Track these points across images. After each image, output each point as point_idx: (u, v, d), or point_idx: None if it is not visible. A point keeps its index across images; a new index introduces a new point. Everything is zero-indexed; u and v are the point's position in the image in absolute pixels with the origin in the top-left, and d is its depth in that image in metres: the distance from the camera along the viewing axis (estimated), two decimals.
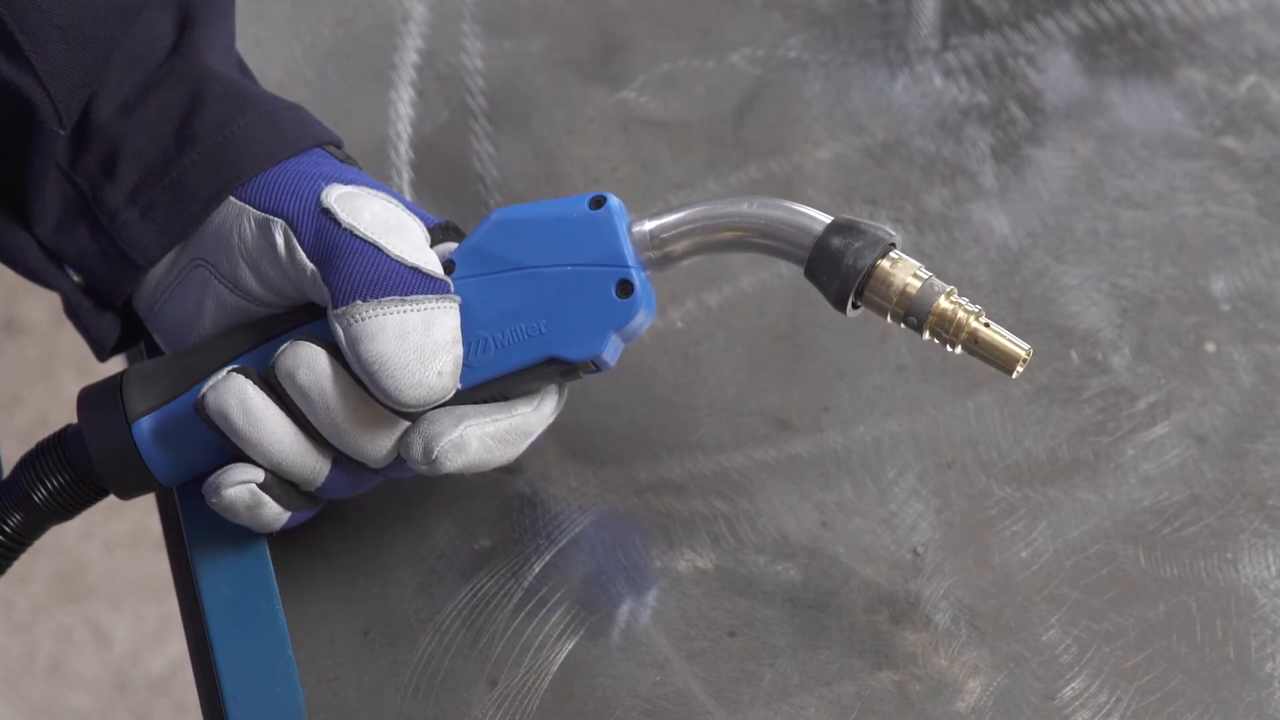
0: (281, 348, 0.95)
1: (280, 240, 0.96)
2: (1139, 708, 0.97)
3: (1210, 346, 1.10)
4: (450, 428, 0.95)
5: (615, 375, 1.06)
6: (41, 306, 2.36)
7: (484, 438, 0.96)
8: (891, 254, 0.94)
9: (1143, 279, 1.13)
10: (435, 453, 0.95)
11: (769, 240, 0.95)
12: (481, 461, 0.96)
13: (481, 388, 0.96)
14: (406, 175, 1.19)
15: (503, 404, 0.97)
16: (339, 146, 1.02)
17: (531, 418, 0.98)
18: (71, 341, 2.05)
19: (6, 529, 1.00)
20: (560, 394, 0.99)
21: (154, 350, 1.05)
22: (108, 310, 1.03)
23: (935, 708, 0.97)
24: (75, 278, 1.02)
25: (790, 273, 1.12)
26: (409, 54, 1.24)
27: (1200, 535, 1.03)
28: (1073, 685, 0.98)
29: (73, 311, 1.02)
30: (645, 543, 1.03)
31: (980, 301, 0.93)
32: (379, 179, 1.04)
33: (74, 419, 1.00)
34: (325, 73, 1.24)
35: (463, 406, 0.96)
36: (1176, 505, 1.04)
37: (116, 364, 1.16)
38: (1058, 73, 1.23)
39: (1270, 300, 1.12)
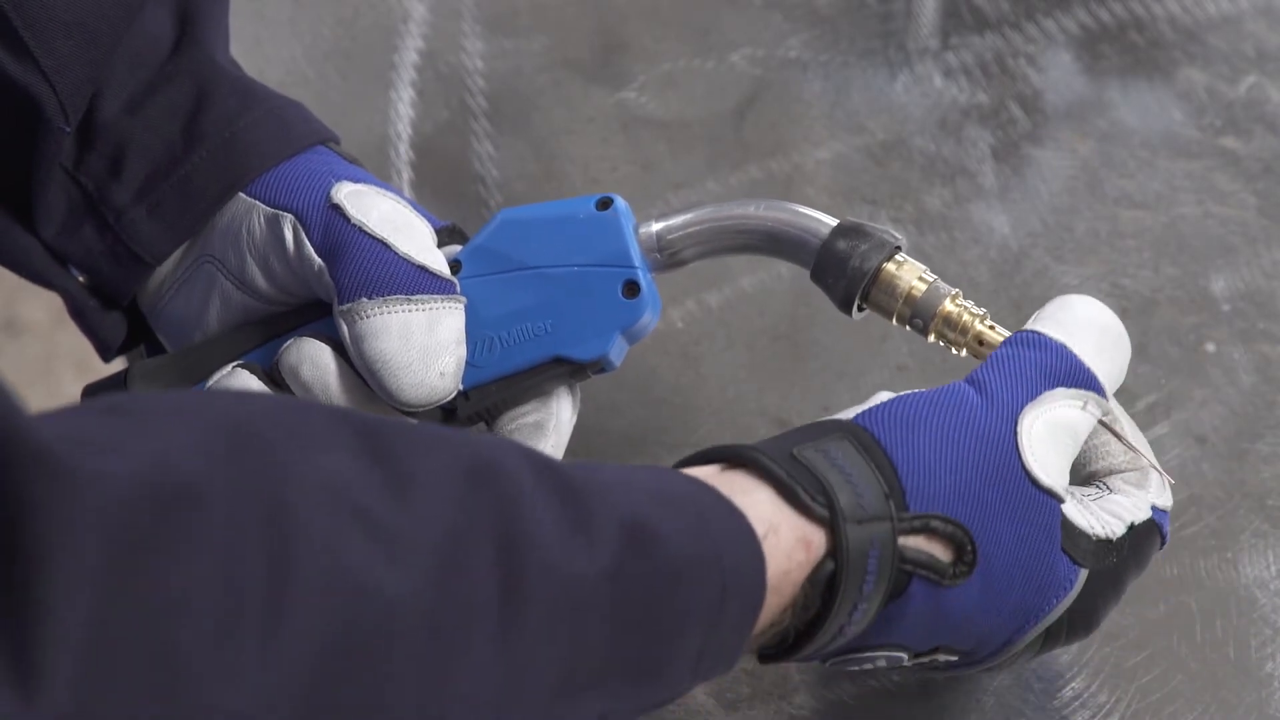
0: (286, 344, 0.95)
1: (289, 235, 0.96)
2: (1139, 708, 0.97)
3: (1210, 346, 1.10)
4: None
5: (616, 376, 1.05)
6: (41, 307, 2.35)
7: None
8: (897, 257, 0.94)
9: (1143, 279, 1.13)
10: None
11: (775, 242, 0.95)
12: None
13: (487, 388, 0.96)
14: (406, 175, 1.19)
15: (531, 428, 0.97)
16: (337, 143, 1.02)
17: (563, 429, 0.97)
18: (71, 341, 2.05)
19: None
20: (573, 395, 0.98)
21: (153, 352, 1.05)
22: (114, 310, 1.03)
23: (936, 707, 0.97)
24: (80, 278, 1.02)
25: (790, 273, 1.12)
26: (409, 54, 1.24)
27: (1200, 535, 1.03)
28: (1073, 685, 0.98)
29: (78, 312, 1.02)
30: None
31: (981, 302, 0.93)
32: (378, 179, 1.04)
33: None
34: (325, 73, 1.24)
35: None
36: (1177, 505, 1.03)
37: (117, 364, 1.16)
38: (1058, 73, 1.23)
39: (1270, 300, 1.12)
